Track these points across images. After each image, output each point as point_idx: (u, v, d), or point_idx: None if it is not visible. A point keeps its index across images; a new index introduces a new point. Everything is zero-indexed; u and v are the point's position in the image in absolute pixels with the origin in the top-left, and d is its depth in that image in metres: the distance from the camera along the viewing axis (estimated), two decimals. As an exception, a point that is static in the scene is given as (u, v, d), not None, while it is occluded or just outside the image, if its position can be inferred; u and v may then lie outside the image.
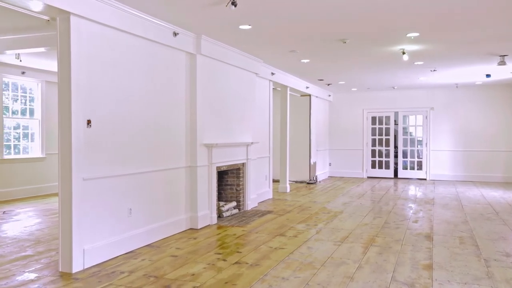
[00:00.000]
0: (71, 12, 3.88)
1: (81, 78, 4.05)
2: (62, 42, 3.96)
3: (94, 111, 4.22)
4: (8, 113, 8.70)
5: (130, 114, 4.75)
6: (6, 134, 8.64)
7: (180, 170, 5.70)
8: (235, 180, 7.22)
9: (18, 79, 8.84)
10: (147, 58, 5.03)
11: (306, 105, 11.71)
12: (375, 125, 13.19)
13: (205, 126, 6.07)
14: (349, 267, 4.15)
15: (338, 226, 6.05)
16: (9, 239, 5.26)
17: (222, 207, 6.67)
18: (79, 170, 4.02)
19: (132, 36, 4.75)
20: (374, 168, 13.18)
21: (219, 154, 6.39)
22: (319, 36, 5.96)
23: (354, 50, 6.86)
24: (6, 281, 3.75)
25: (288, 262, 4.31)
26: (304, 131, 11.69)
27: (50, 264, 4.22)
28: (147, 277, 3.83)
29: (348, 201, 8.38)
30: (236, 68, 6.98)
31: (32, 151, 9.24)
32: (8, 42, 6.00)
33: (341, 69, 8.82)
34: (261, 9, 4.67)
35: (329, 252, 4.71)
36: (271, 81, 8.87)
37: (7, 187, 8.48)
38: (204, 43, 5.90)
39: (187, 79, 5.84)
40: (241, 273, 3.96)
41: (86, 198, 4.12)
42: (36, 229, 5.83)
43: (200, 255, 4.56)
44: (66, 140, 3.96)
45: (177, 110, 5.64)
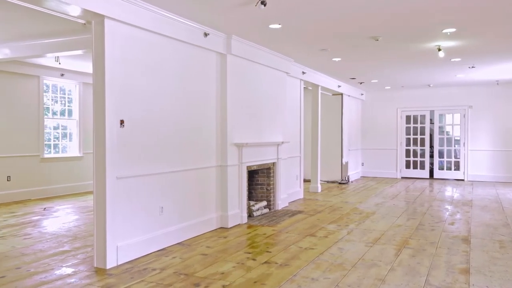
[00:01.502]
0: (105, 15, 4.00)
1: (115, 79, 4.17)
2: (97, 45, 4.09)
3: (127, 111, 4.33)
4: (49, 113, 9.07)
5: (162, 114, 4.84)
6: (47, 134, 9.01)
7: (211, 170, 5.76)
8: (265, 179, 7.22)
9: (57, 81, 9.20)
10: (178, 58, 5.11)
11: (338, 104, 11.56)
12: (409, 124, 12.85)
13: (236, 126, 6.11)
14: (380, 269, 4.06)
15: (370, 227, 5.93)
16: (49, 234, 5.48)
17: (253, 206, 6.68)
18: (113, 169, 4.13)
19: (163, 37, 4.84)
20: (409, 168, 12.85)
21: (250, 153, 6.41)
22: (350, 34, 5.86)
23: (387, 47, 6.71)
24: (45, 274, 3.91)
25: (318, 263, 4.26)
26: (336, 131, 11.55)
27: (86, 259, 4.37)
28: (178, 275, 3.89)
29: (381, 202, 8.20)
30: (266, 68, 6.97)
31: (71, 150, 9.60)
32: (48, 46, 6.25)
33: (373, 67, 8.64)
34: (291, 7, 4.64)
35: (360, 253, 4.62)
36: (302, 80, 8.81)
37: (48, 185, 8.85)
38: (234, 43, 5.93)
39: (217, 79, 5.89)
40: (270, 273, 3.95)
41: (119, 196, 4.23)
42: (73, 225, 6.04)
43: (229, 254, 4.58)
44: (100, 139, 4.08)
45: (207, 110, 5.70)
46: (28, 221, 6.30)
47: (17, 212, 7.07)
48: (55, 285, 3.62)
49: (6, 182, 8.06)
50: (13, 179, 8.19)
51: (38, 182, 8.66)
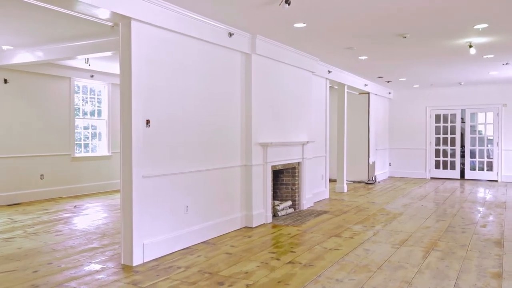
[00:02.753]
0: (132, 17, 4.07)
1: (141, 79, 4.24)
2: (123, 46, 4.17)
3: (152, 111, 4.40)
4: (79, 114, 9.34)
5: (187, 113, 4.90)
6: (78, 134, 9.28)
7: (236, 169, 5.78)
8: (290, 179, 7.19)
9: (87, 82, 9.46)
10: (203, 59, 5.16)
11: (364, 103, 11.39)
12: (439, 123, 12.51)
13: (260, 125, 6.11)
14: (407, 272, 3.97)
15: (397, 228, 5.81)
16: (79, 231, 5.64)
17: (277, 206, 6.67)
18: (139, 168, 4.21)
19: (188, 37, 4.89)
20: (438, 168, 12.52)
21: (274, 153, 6.40)
22: (376, 32, 5.76)
23: (415, 45, 6.55)
24: (75, 270, 4.02)
25: (343, 264, 4.21)
26: (362, 130, 11.38)
27: (114, 256, 4.47)
28: (202, 273, 3.93)
29: (409, 203, 8.02)
30: (291, 67, 6.94)
31: (100, 150, 9.85)
32: (79, 48, 6.44)
33: (401, 65, 8.46)
34: (315, 6, 4.60)
35: (386, 255, 4.53)
36: (327, 79, 8.72)
37: (78, 183, 9.11)
38: (259, 42, 5.93)
39: (242, 78, 5.91)
40: (294, 273, 3.93)
41: (145, 195, 4.31)
42: (102, 223, 6.20)
43: (254, 253, 4.59)
44: (127, 139, 4.16)
45: (232, 110, 5.72)
46: (59, 218, 6.51)
47: (49, 209, 7.31)
48: (84, 281, 3.72)
49: (39, 180, 8.35)
50: (46, 177, 8.47)
51: (69, 180, 8.93)
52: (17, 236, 5.39)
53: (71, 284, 3.65)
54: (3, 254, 4.58)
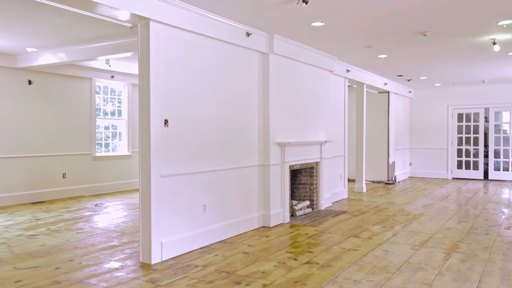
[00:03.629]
0: (150, 18, 4.12)
1: (159, 79, 4.29)
2: (142, 47, 4.22)
3: (171, 111, 4.44)
4: (100, 114, 9.50)
5: (205, 113, 4.92)
6: (99, 134, 9.45)
7: (253, 169, 5.79)
8: (308, 179, 7.15)
9: (108, 83, 9.62)
10: (220, 59, 5.17)
11: (384, 102, 11.24)
12: (461, 122, 12.25)
13: (278, 125, 6.09)
14: (427, 274, 3.90)
15: (417, 229, 5.72)
16: (99, 229, 5.74)
17: (295, 206, 6.65)
18: (157, 167, 4.25)
19: (206, 37, 4.92)
20: (461, 168, 12.25)
21: (292, 152, 6.37)
22: (396, 30, 5.67)
23: (436, 42, 6.43)
24: (95, 267, 4.10)
25: (361, 265, 4.16)
26: (382, 129, 11.23)
27: (133, 254, 4.53)
28: (219, 272, 3.94)
29: (430, 203, 7.88)
30: (309, 66, 6.90)
31: (120, 149, 10.00)
32: (100, 49, 6.56)
33: (421, 63, 8.31)
34: (333, 4, 4.56)
35: (405, 256, 4.46)
36: (346, 78, 8.64)
37: (99, 182, 9.28)
38: (277, 42, 5.92)
39: (259, 78, 5.91)
40: (312, 273, 3.91)
41: (164, 194, 4.35)
42: (122, 221, 6.29)
43: (271, 253, 4.58)
44: (145, 139, 4.21)
45: (250, 109, 5.73)
46: (80, 216, 6.64)
47: (71, 207, 7.47)
48: (103, 278, 3.78)
49: (62, 179, 8.54)
50: (68, 176, 8.66)
51: (90, 179, 9.10)
52: (41, 233, 5.52)
53: (91, 281, 3.72)
54: (27, 250, 4.70)
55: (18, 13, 4.94)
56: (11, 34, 5.99)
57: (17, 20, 5.26)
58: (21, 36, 6.11)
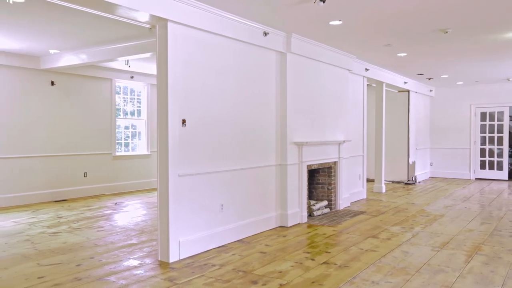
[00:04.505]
0: (168, 19, 4.16)
1: (177, 79, 4.32)
2: (160, 47, 4.27)
3: (188, 111, 4.47)
4: (120, 114, 9.65)
5: (222, 113, 4.94)
6: (119, 133, 9.60)
7: (270, 168, 5.78)
8: (326, 179, 7.10)
9: (128, 83, 9.77)
10: (237, 58, 5.19)
11: (404, 101, 11.07)
12: (485, 121, 11.96)
13: (295, 124, 6.07)
14: (448, 276, 3.82)
15: (438, 231, 5.61)
16: (119, 228, 5.83)
17: (313, 206, 6.61)
18: (175, 166, 4.29)
19: (223, 37, 4.93)
20: (484, 169, 11.97)
21: (310, 152, 6.34)
22: (415, 28, 5.57)
23: (458, 40, 6.29)
24: (115, 265, 4.17)
25: (379, 266, 4.11)
26: (402, 129, 11.07)
27: (151, 253, 4.59)
28: (236, 272, 3.96)
29: (451, 204, 7.72)
30: (327, 65, 6.85)
31: (139, 149, 10.14)
32: (119, 50, 6.66)
33: (443, 62, 8.14)
34: (351, 2, 4.51)
35: (425, 257, 4.38)
36: (365, 77, 8.54)
37: (119, 181, 9.43)
38: (294, 41, 5.90)
39: (277, 78, 5.89)
40: (329, 274, 3.88)
41: (181, 193, 4.39)
42: (141, 220, 6.38)
43: (288, 253, 4.57)
44: (163, 138, 4.26)
45: (267, 109, 5.72)
46: (101, 215, 6.76)
47: (92, 206, 7.61)
48: (122, 276, 3.84)
49: (83, 178, 8.72)
50: (89, 175, 8.82)
51: (111, 178, 9.26)
52: (63, 231, 5.65)
53: (111, 278, 3.78)
54: (50, 247, 4.81)
55: (41, 16, 5.06)
56: (34, 36, 6.14)
57: (41, 23, 5.39)
58: (44, 38, 6.26)
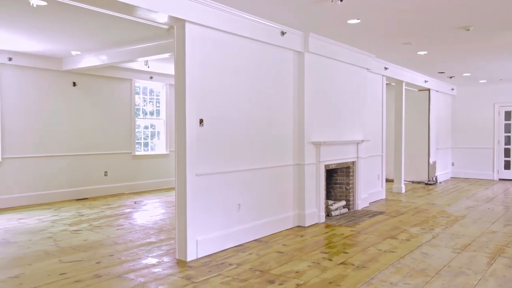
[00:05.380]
0: (186, 19, 4.20)
1: (195, 79, 4.36)
2: (178, 48, 4.31)
3: (206, 110, 4.50)
4: (140, 114, 9.79)
5: (239, 112, 4.96)
6: (138, 133, 9.74)
7: (288, 168, 5.77)
8: (344, 178, 7.04)
9: (147, 83, 9.89)
10: (255, 58, 5.19)
11: (424, 100, 10.89)
12: (509, 120, 11.65)
13: (313, 124, 6.04)
14: (469, 279, 3.74)
15: (459, 232, 5.50)
16: (138, 226, 5.92)
17: (331, 205, 6.57)
18: (193, 166, 4.33)
19: (240, 37, 4.95)
20: (508, 169, 11.66)
21: (328, 152, 6.30)
22: (436, 25, 5.47)
23: (480, 37, 6.14)
24: (133, 263, 4.23)
25: (398, 267, 4.06)
26: (422, 128, 10.89)
27: (169, 251, 4.64)
28: (253, 271, 3.97)
29: (473, 205, 7.56)
30: (345, 64, 6.79)
31: (158, 148, 10.26)
32: (139, 51, 6.75)
33: (464, 59, 7.97)
34: (370, 0, 4.46)
35: (446, 259, 4.31)
36: (384, 76, 8.44)
37: (138, 180, 9.56)
38: (312, 40, 5.87)
39: (294, 77, 5.88)
40: (346, 274, 3.85)
41: (199, 192, 4.43)
42: (160, 218, 6.46)
43: (305, 253, 4.56)
44: (181, 138, 4.30)
45: (284, 108, 5.71)
46: (121, 213, 6.87)
47: (112, 204, 7.74)
48: (141, 273, 3.90)
49: (103, 177, 8.87)
50: (109, 174, 8.98)
51: (130, 177, 9.40)
52: (83, 228, 5.76)
53: (130, 276, 3.84)
54: (71, 245, 4.92)
55: (63, 18, 5.17)
56: (57, 38, 6.29)
57: (63, 25, 5.51)
58: (66, 40, 6.39)
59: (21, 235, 5.41)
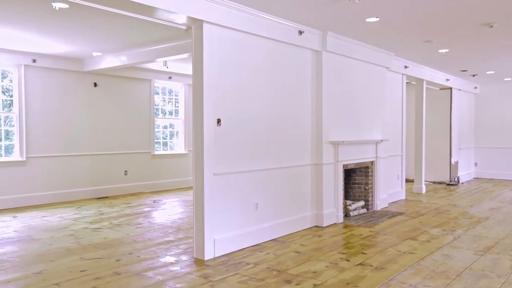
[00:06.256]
0: (203, 20, 4.22)
1: (212, 79, 4.38)
2: (196, 48, 4.34)
3: (223, 110, 4.52)
4: (159, 113, 9.90)
5: (257, 112, 4.96)
6: (157, 133, 9.85)
7: (306, 168, 5.74)
8: (363, 178, 6.97)
9: (166, 84, 10.00)
10: (272, 58, 5.18)
11: (446, 99, 10.67)
12: (534, 119, 11.32)
13: (331, 124, 6.00)
14: (492, 282, 3.65)
15: (482, 234, 5.37)
16: (157, 225, 5.99)
17: (349, 206, 6.51)
18: (210, 165, 4.35)
19: (257, 37, 4.95)
20: (533, 169, 11.33)
21: (346, 151, 6.24)
22: (458, 22, 5.36)
23: (504, 34, 5.98)
24: (152, 261, 4.28)
25: (418, 269, 3.99)
26: (443, 128, 10.68)
27: (187, 250, 4.68)
28: (270, 270, 3.96)
29: (497, 206, 7.37)
30: (364, 63, 6.72)
31: (177, 148, 10.36)
32: (158, 51, 6.83)
33: (488, 57, 7.78)
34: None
35: (467, 262, 4.21)
36: (404, 75, 8.31)
37: (157, 179, 9.67)
38: (330, 39, 5.82)
39: (312, 76, 5.84)
40: (364, 275, 3.81)
41: (216, 192, 4.45)
42: (178, 217, 6.52)
43: (323, 253, 4.53)
44: (199, 137, 4.33)
45: (302, 108, 5.69)
46: (140, 212, 6.96)
47: (131, 203, 7.86)
48: (159, 272, 3.94)
49: (123, 176, 9.01)
50: (129, 173, 9.11)
51: (150, 176, 9.52)
52: (104, 227, 5.86)
53: (148, 273, 3.89)
54: (92, 242, 5.01)
55: (85, 20, 5.27)
56: (79, 40, 6.41)
57: (84, 27, 5.61)
58: (88, 41, 6.52)
59: (45, 232, 5.55)
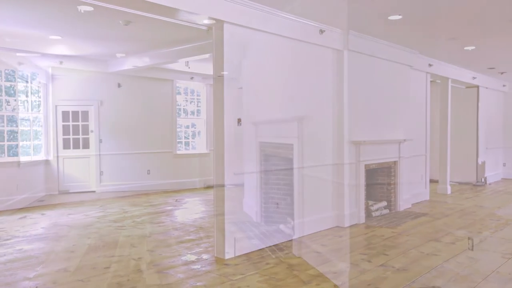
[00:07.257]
0: (224, 20, 4.25)
1: (232, 79, 4.40)
2: (217, 48, 4.38)
3: (243, 110, 4.54)
4: (181, 113, 10.01)
5: (277, 112, 4.95)
6: (180, 132, 9.97)
7: (327, 167, 5.70)
8: (385, 178, 6.87)
9: (188, 84, 10.10)
10: (293, 57, 5.17)
11: (472, 97, 10.39)
12: None
13: (353, 123, 5.94)
14: (519, 286, 3.54)
15: (510, 236, 5.21)
16: (178, 224, 6.06)
17: (371, 206, 6.43)
18: (230, 165, 4.37)
19: (278, 36, 4.93)
20: None
21: (368, 151, 6.17)
22: (484, 19, 5.21)
23: (533, 30, 5.79)
24: (173, 259, 4.34)
25: (441, 271, 3.91)
26: (469, 127, 10.40)
27: (208, 249, 4.72)
28: (290, 270, 3.95)
29: (526, 208, 7.15)
30: (386, 62, 6.62)
31: (199, 147, 10.45)
32: (180, 52, 6.92)
33: (517, 53, 7.54)
34: (412, -5, 4.33)
35: (494, 265, 4.10)
36: (428, 73, 8.14)
37: (179, 178, 9.78)
38: (352, 38, 5.76)
39: (334, 75, 5.80)
40: (386, 277, 3.76)
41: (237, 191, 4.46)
42: (199, 216, 6.58)
43: (344, 253, 4.49)
44: (219, 137, 4.36)
45: (323, 107, 5.65)
46: (162, 211, 7.06)
47: (154, 202, 7.98)
48: (180, 270, 3.99)
49: (146, 175, 9.16)
50: (152, 172, 9.25)
51: (172, 175, 9.63)
52: (127, 225, 5.98)
53: (170, 271, 3.94)
54: (115, 240, 5.12)
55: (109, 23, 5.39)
56: (103, 42, 6.56)
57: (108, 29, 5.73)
58: (112, 43, 6.65)
59: (70, 229, 5.69)
